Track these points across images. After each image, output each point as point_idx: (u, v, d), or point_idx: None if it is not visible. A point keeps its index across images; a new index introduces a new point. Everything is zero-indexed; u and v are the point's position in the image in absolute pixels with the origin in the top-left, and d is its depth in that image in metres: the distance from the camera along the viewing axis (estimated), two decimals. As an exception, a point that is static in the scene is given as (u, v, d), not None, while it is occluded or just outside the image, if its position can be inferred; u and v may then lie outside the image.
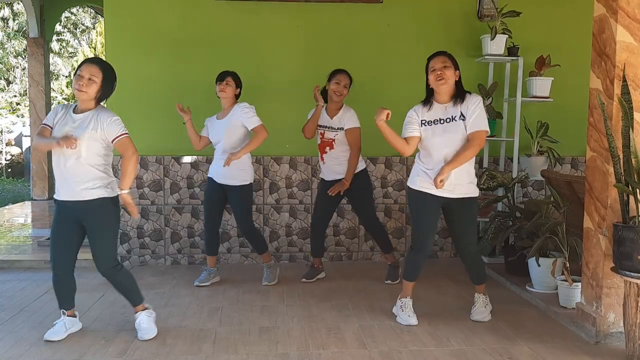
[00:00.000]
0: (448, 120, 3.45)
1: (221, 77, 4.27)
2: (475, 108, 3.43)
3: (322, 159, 4.39)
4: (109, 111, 3.28)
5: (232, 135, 4.21)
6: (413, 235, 3.66)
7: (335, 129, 4.31)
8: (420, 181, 3.51)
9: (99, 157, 3.23)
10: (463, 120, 3.44)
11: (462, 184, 3.48)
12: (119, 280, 3.37)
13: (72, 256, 3.34)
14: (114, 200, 3.30)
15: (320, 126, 4.35)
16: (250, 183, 4.33)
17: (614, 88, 3.18)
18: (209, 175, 4.39)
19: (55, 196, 3.31)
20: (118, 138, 3.23)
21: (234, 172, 4.21)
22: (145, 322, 3.39)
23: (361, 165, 4.38)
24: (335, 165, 4.34)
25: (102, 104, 3.35)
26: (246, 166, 4.28)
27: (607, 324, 3.28)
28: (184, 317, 3.72)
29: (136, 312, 3.43)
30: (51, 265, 3.34)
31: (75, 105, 3.30)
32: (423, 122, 3.49)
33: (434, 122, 3.47)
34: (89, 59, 3.31)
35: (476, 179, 3.60)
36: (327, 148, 4.34)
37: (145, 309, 3.45)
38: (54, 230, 3.31)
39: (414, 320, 3.59)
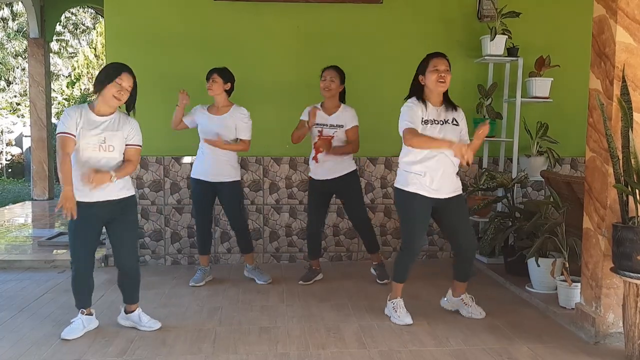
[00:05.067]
0: (442, 122, 3.48)
1: (208, 76, 4.30)
2: (465, 122, 3.58)
3: (316, 158, 4.34)
4: (130, 117, 3.44)
5: (226, 135, 4.25)
6: (404, 237, 3.65)
7: (334, 126, 4.30)
8: (412, 184, 3.49)
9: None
10: (456, 125, 3.50)
11: (449, 183, 3.51)
12: (137, 275, 3.52)
13: (94, 254, 3.48)
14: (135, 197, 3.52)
15: (317, 124, 4.31)
16: (239, 180, 4.42)
17: (614, 89, 3.18)
18: (195, 177, 4.35)
19: (83, 199, 3.26)
20: (134, 146, 3.39)
21: (226, 169, 4.29)
22: (146, 316, 3.53)
23: (353, 166, 4.41)
24: (331, 163, 4.31)
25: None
26: (235, 164, 4.37)
27: (606, 324, 3.29)
28: (184, 317, 3.73)
29: (132, 311, 3.54)
30: (74, 264, 3.37)
31: (87, 105, 3.34)
32: (423, 120, 3.47)
33: (430, 121, 3.47)
34: (125, 67, 3.34)
35: (459, 177, 3.61)
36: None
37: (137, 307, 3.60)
38: (79, 230, 3.32)
39: (409, 320, 3.60)
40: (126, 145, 3.36)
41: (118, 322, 3.58)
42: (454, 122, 3.50)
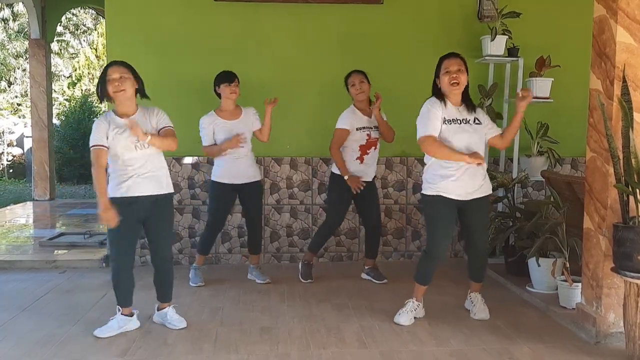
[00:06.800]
0: (463, 121, 3.45)
1: (230, 79, 4.31)
2: (488, 118, 3.61)
3: (362, 159, 4.34)
4: (150, 107, 3.50)
5: (249, 135, 4.38)
6: (429, 242, 3.60)
7: (376, 127, 4.36)
8: (436, 187, 3.45)
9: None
10: (479, 124, 3.48)
11: (476, 184, 3.48)
12: (172, 272, 3.62)
13: (135, 251, 3.55)
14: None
15: (364, 128, 4.31)
16: (261, 179, 4.61)
17: (614, 89, 3.18)
18: (223, 182, 4.32)
19: (125, 194, 3.33)
20: (165, 127, 3.44)
21: (251, 170, 4.41)
22: (175, 314, 3.58)
23: None
24: (372, 165, 4.42)
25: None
26: (255, 163, 4.51)
27: (607, 324, 3.29)
28: (185, 317, 3.71)
29: (163, 308, 3.60)
30: (115, 262, 3.42)
31: (112, 112, 3.38)
32: (444, 119, 3.43)
33: (451, 120, 3.44)
34: (110, 63, 3.39)
35: (487, 177, 3.59)
36: (373, 148, 4.36)
37: (171, 305, 3.64)
38: (123, 227, 3.33)
39: (403, 320, 3.59)
40: (158, 130, 3.42)
41: (153, 320, 3.64)
42: (477, 122, 3.48)
